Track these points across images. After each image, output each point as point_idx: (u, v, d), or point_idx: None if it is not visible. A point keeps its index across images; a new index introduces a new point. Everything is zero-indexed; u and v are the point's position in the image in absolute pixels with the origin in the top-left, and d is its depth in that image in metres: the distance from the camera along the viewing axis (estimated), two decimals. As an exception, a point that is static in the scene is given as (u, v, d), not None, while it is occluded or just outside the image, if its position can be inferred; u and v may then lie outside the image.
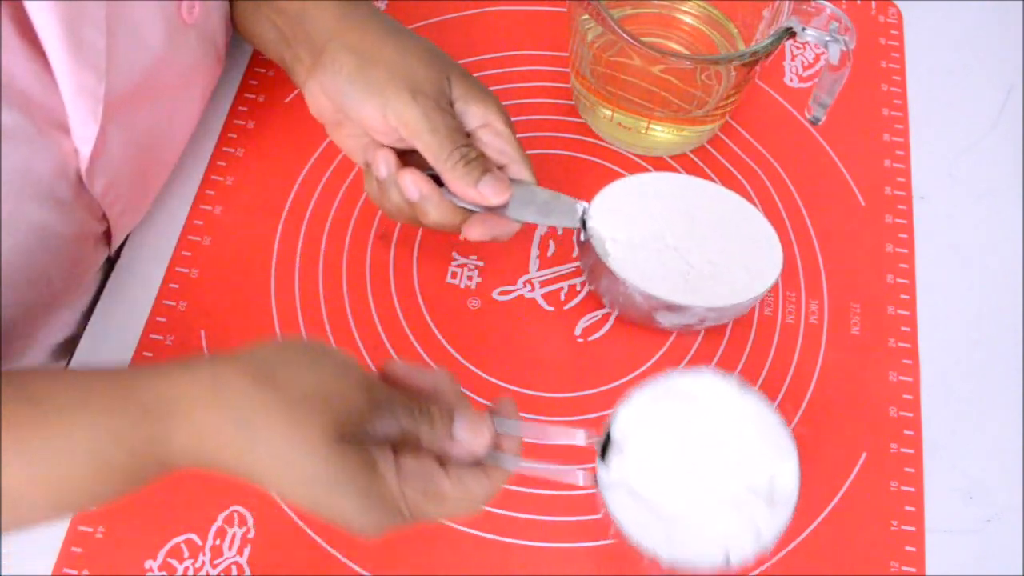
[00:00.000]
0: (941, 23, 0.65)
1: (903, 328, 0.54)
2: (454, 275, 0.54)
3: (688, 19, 0.58)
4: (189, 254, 0.54)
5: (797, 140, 0.60)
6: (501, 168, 0.49)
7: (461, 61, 0.49)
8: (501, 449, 0.40)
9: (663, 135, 0.57)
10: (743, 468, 0.42)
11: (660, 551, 0.40)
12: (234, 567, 0.47)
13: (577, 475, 0.42)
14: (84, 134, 0.43)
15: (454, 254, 0.55)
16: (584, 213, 0.49)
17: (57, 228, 0.44)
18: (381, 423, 0.38)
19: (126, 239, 0.54)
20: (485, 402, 0.51)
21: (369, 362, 0.52)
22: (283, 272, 0.54)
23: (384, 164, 0.48)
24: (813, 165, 0.59)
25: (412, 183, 0.47)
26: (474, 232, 0.49)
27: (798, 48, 0.63)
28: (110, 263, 0.54)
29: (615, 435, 0.42)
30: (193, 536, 0.47)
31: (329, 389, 0.37)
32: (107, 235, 0.50)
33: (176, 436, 0.37)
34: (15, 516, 0.37)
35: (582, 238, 0.50)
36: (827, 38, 0.48)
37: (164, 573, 0.46)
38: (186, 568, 0.46)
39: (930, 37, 0.64)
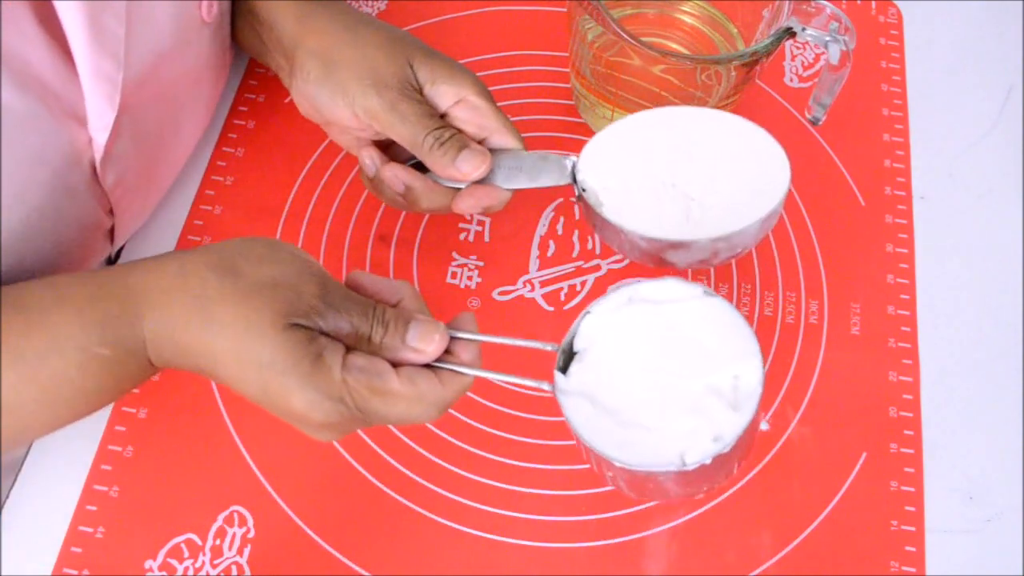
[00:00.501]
0: (941, 23, 0.65)
1: (903, 328, 0.54)
2: (454, 275, 0.54)
3: (688, 19, 0.58)
4: (189, 254, 0.54)
5: (797, 140, 0.60)
6: (483, 141, 0.49)
7: (461, 61, 0.49)
8: (458, 358, 0.41)
9: None
10: (705, 371, 0.40)
11: (614, 453, 0.38)
12: (234, 567, 0.47)
13: (535, 384, 0.41)
14: (100, 122, 0.43)
15: (454, 254, 0.55)
16: (574, 168, 0.48)
17: (67, 217, 0.45)
18: (335, 319, 0.39)
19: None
20: (480, 399, 0.51)
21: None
22: (283, 272, 0.54)
23: (368, 162, 0.49)
24: (813, 165, 0.59)
25: (394, 177, 0.48)
26: (464, 205, 0.49)
27: (798, 48, 0.63)
28: (110, 263, 0.54)
29: (577, 344, 0.41)
30: (193, 536, 0.47)
31: (285, 282, 0.39)
32: (112, 231, 0.50)
33: (147, 324, 0.39)
34: (14, 424, 0.39)
35: (576, 193, 0.48)
36: (827, 38, 0.48)
37: (164, 573, 0.46)
38: (186, 568, 0.46)
39: (930, 37, 0.64)
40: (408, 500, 0.48)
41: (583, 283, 0.54)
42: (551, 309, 0.54)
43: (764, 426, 0.50)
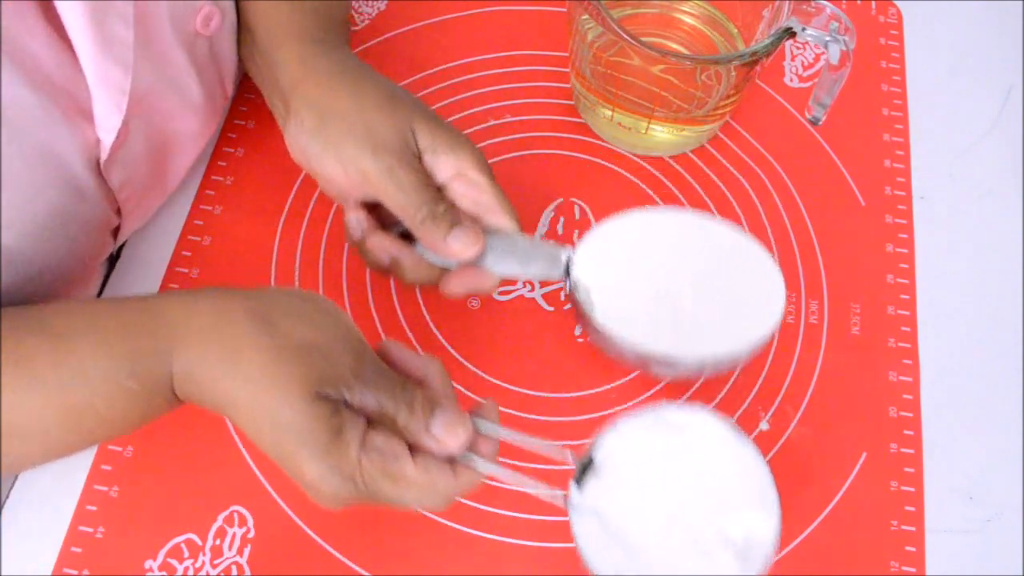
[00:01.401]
0: (941, 23, 0.65)
1: (903, 328, 0.54)
2: (454, 275, 0.54)
3: (688, 19, 0.58)
4: (189, 254, 0.54)
5: (797, 140, 0.60)
6: (477, 219, 0.47)
7: (461, 61, 0.49)
8: (477, 452, 0.40)
9: (663, 135, 0.57)
10: (720, 514, 0.39)
11: None
12: (234, 567, 0.47)
13: (550, 494, 0.41)
14: (108, 125, 0.43)
15: (454, 254, 0.55)
16: (568, 261, 0.47)
17: (75, 214, 0.44)
18: (362, 394, 0.38)
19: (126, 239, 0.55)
20: (480, 398, 0.51)
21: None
22: (283, 272, 0.54)
23: (355, 224, 0.47)
24: (813, 165, 0.59)
25: (381, 248, 0.46)
26: (452, 287, 0.47)
27: (798, 48, 0.63)
28: (110, 263, 0.54)
29: (596, 459, 0.41)
30: (193, 536, 0.47)
31: (321, 347, 0.38)
32: (114, 233, 0.50)
33: (176, 361, 0.39)
34: (34, 448, 0.39)
35: (567, 288, 0.47)
36: (827, 38, 0.48)
37: (164, 573, 0.46)
38: (186, 568, 0.46)
39: (930, 37, 0.64)
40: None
41: (583, 283, 0.54)
42: (551, 309, 0.54)
43: (764, 426, 0.50)
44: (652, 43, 0.48)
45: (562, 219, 0.56)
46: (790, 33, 0.48)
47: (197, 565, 0.47)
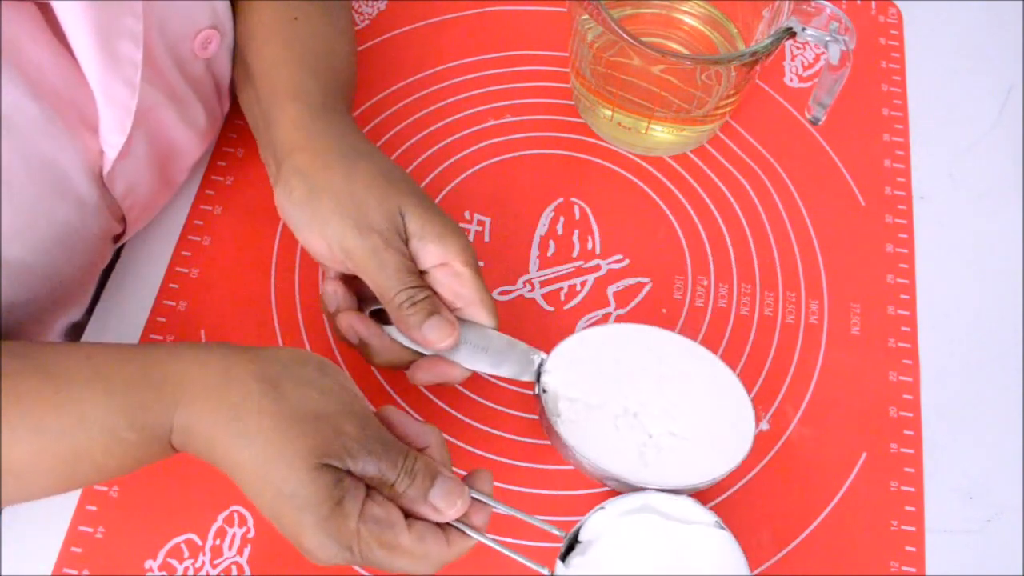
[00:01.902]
0: (941, 23, 0.65)
1: (903, 328, 0.54)
2: (454, 275, 0.54)
3: (688, 19, 0.58)
4: (189, 254, 0.54)
5: (797, 140, 0.60)
6: (456, 311, 0.46)
7: (461, 61, 0.49)
8: (471, 523, 0.41)
9: (663, 135, 0.57)
10: None
11: None
12: (234, 567, 0.47)
13: (536, 568, 0.42)
14: (112, 141, 0.43)
15: (454, 254, 0.55)
16: (541, 366, 0.47)
17: (77, 226, 0.44)
18: (364, 463, 0.38)
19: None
20: (482, 401, 0.51)
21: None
22: (283, 272, 0.54)
23: (331, 297, 0.47)
24: (813, 165, 0.59)
25: (350, 328, 0.46)
26: (419, 376, 0.46)
27: (798, 48, 0.63)
28: (110, 263, 0.54)
29: (583, 537, 0.43)
30: (193, 536, 0.47)
31: (326, 416, 0.38)
32: (116, 238, 0.51)
33: (179, 414, 0.39)
34: (21, 488, 0.39)
35: (536, 391, 0.47)
36: (827, 38, 0.48)
37: (164, 573, 0.46)
38: (186, 568, 0.46)
39: (930, 37, 0.64)
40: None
41: (583, 283, 0.54)
42: (551, 309, 0.54)
43: (764, 426, 0.50)
44: (652, 43, 0.48)
45: (562, 219, 0.56)
46: (790, 33, 0.48)
47: (197, 565, 0.47)
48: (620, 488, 0.47)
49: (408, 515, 0.40)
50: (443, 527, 0.40)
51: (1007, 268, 0.57)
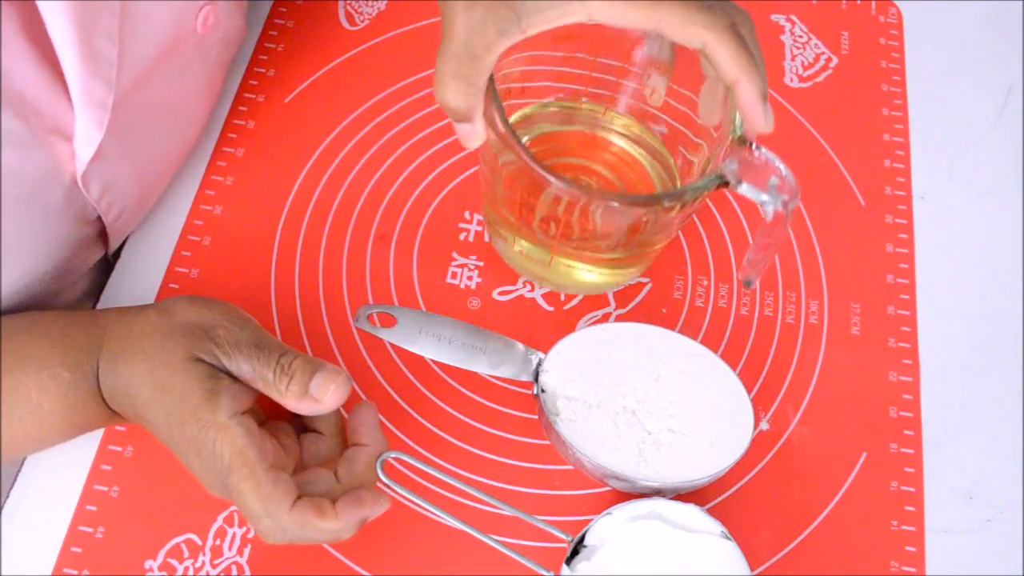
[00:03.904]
0: (941, 23, 0.65)
1: (903, 328, 0.54)
2: (454, 275, 0.54)
3: (617, 139, 0.53)
4: (189, 254, 0.54)
5: (797, 140, 0.60)
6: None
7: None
8: (359, 439, 0.43)
9: (575, 274, 0.52)
10: None
11: None
12: (234, 567, 0.47)
13: (542, 572, 0.43)
14: (86, 140, 0.43)
15: (454, 254, 0.55)
16: (538, 365, 0.47)
17: (43, 233, 0.45)
18: (238, 363, 0.41)
19: (126, 239, 0.54)
20: (488, 404, 0.51)
21: (370, 363, 0.52)
22: (283, 272, 0.54)
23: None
24: (813, 165, 0.59)
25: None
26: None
27: (798, 48, 0.63)
28: (110, 263, 0.54)
29: (588, 541, 0.43)
30: (193, 536, 0.47)
31: (205, 323, 0.42)
32: (102, 237, 0.50)
33: (102, 355, 0.42)
34: None
35: (534, 392, 0.47)
36: (763, 197, 0.41)
37: (164, 573, 0.46)
38: (186, 568, 0.46)
39: (930, 37, 0.64)
40: (408, 500, 0.48)
41: (583, 283, 0.54)
42: (551, 309, 0.54)
43: (764, 426, 0.50)
44: (577, 165, 0.45)
45: (562, 219, 0.56)
46: (722, 183, 0.42)
47: (197, 565, 0.47)
48: (621, 488, 0.47)
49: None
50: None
51: (1007, 268, 0.57)
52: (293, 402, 0.41)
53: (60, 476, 0.48)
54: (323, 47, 0.62)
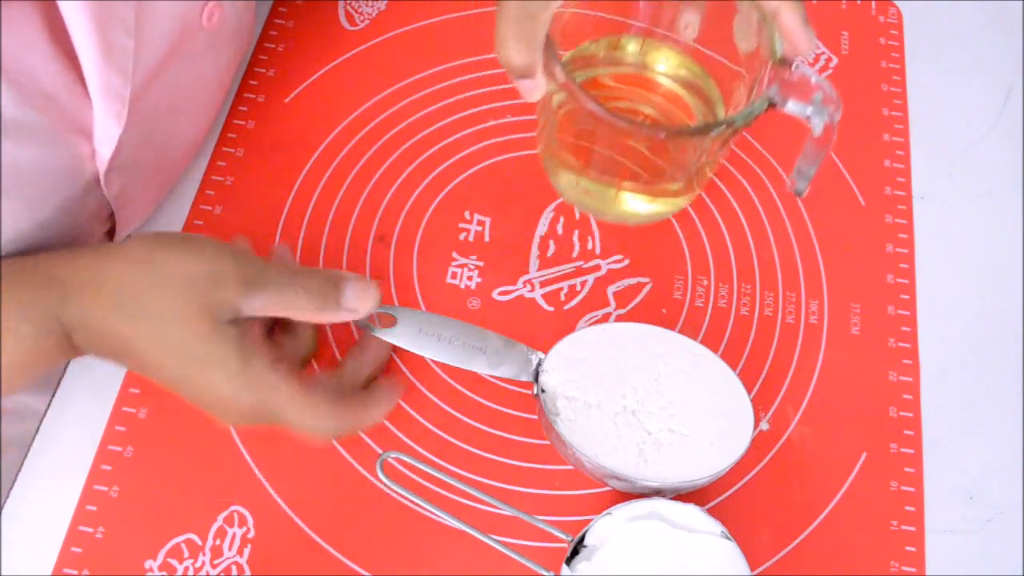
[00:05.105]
0: (941, 23, 0.65)
1: (903, 328, 0.54)
2: (454, 275, 0.54)
3: (664, 80, 0.54)
4: (189, 254, 0.54)
5: (797, 140, 0.60)
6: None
7: (461, 61, 0.49)
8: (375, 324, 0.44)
9: (634, 205, 0.53)
10: None
11: None
12: (234, 567, 0.47)
13: (541, 570, 0.43)
14: (106, 137, 0.43)
15: (454, 254, 0.55)
16: (539, 365, 0.47)
17: (60, 228, 0.45)
18: (262, 302, 0.40)
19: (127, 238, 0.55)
20: (484, 400, 0.51)
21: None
22: (283, 272, 0.54)
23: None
24: (813, 165, 0.59)
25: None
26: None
27: (798, 48, 0.63)
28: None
29: (588, 541, 0.43)
30: (193, 536, 0.47)
31: (209, 272, 0.40)
32: (109, 235, 0.50)
33: (67, 316, 0.40)
34: None
35: (534, 392, 0.47)
36: (809, 111, 0.44)
37: (164, 573, 0.46)
38: (186, 568, 0.46)
39: (930, 37, 0.64)
40: (408, 500, 0.48)
41: (583, 283, 0.54)
42: (551, 309, 0.54)
43: (764, 426, 0.50)
44: (625, 108, 0.46)
45: (562, 219, 0.56)
46: (770, 105, 0.45)
47: (197, 565, 0.47)
48: (621, 488, 0.47)
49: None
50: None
51: (1007, 268, 0.57)
52: (328, 319, 0.42)
53: (60, 476, 0.48)
54: (323, 47, 0.62)
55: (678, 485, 0.45)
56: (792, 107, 0.44)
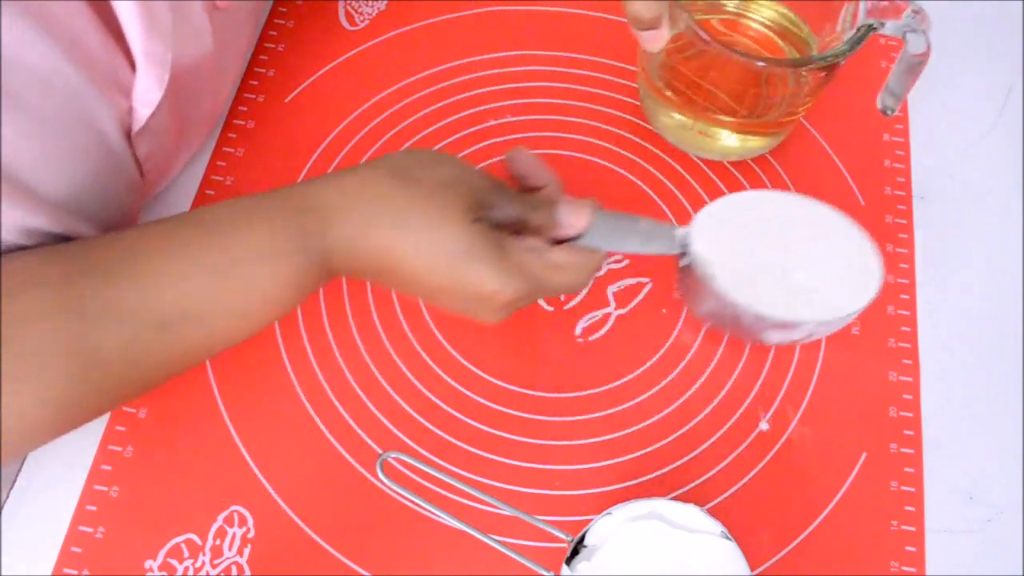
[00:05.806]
0: (941, 23, 0.65)
1: (903, 328, 0.54)
2: (454, 275, 0.54)
3: (755, 24, 0.58)
4: (189, 254, 0.54)
5: (797, 140, 0.60)
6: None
7: (461, 61, 0.49)
8: (578, 227, 0.46)
9: (734, 140, 0.57)
10: None
11: None
12: (234, 567, 0.47)
13: (541, 570, 0.43)
14: (147, 99, 0.45)
15: (454, 254, 0.55)
16: (685, 238, 0.48)
17: (110, 175, 0.46)
18: (501, 208, 0.44)
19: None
20: (483, 402, 0.51)
21: (370, 364, 0.52)
22: (283, 272, 0.54)
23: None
24: (813, 165, 0.59)
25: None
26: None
27: (798, 48, 0.63)
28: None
29: (588, 541, 0.43)
30: (193, 536, 0.47)
31: (459, 178, 0.43)
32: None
33: (334, 239, 0.42)
34: (205, 333, 0.42)
35: (683, 263, 0.49)
36: (906, 28, 0.48)
37: (164, 573, 0.46)
38: (186, 568, 0.46)
39: (930, 37, 0.64)
40: (408, 500, 0.48)
41: (583, 283, 0.54)
42: (551, 309, 0.54)
43: (764, 426, 0.50)
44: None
45: (562, 219, 0.56)
46: (871, 30, 0.48)
47: (197, 565, 0.47)
48: (778, 340, 0.49)
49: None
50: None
51: (1007, 268, 0.57)
52: (549, 233, 0.45)
53: (60, 476, 0.48)
54: (323, 47, 0.62)
55: (831, 322, 0.47)
56: (891, 27, 0.48)
